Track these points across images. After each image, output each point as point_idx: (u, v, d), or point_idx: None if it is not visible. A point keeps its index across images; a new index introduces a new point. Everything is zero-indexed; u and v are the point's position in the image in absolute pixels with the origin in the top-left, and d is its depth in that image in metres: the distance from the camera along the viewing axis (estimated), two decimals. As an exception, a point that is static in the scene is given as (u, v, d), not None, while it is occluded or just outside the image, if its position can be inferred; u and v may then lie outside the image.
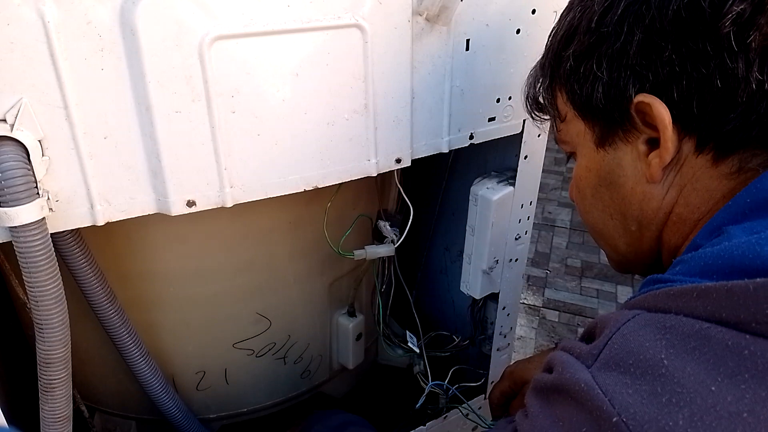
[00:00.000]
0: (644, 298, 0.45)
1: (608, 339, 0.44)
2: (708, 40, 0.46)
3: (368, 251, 0.95)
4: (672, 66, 0.48)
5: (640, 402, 0.39)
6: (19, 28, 0.55)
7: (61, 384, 0.70)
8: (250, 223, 0.89)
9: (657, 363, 0.40)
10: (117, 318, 0.84)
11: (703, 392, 0.38)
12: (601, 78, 0.53)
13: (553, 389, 0.46)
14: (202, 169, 0.67)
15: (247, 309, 0.97)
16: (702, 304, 0.40)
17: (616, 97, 0.52)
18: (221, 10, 0.61)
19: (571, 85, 0.57)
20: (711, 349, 0.39)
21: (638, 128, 0.53)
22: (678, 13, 0.47)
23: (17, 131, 0.57)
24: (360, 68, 0.71)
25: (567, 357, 0.47)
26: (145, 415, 1.04)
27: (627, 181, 0.56)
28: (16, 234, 0.60)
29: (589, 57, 0.54)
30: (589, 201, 0.62)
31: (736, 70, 0.46)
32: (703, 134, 0.50)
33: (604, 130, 0.56)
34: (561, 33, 0.58)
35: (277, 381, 1.07)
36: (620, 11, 0.50)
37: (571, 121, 0.60)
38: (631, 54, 0.50)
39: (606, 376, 0.42)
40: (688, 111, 0.49)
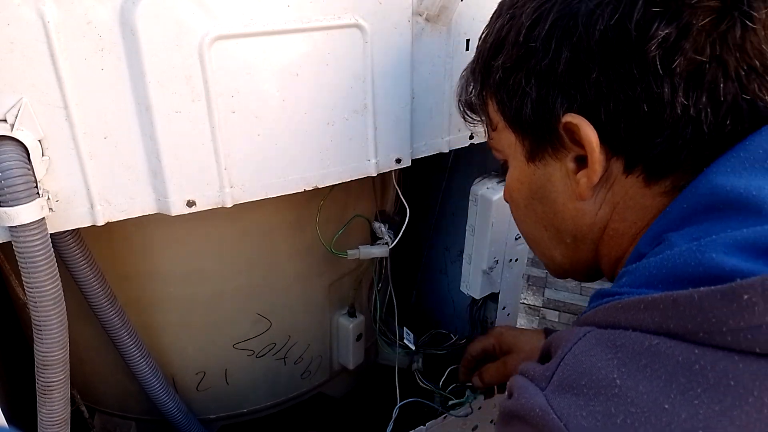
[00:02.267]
0: (594, 314, 0.45)
1: (560, 360, 0.44)
2: (634, 63, 0.45)
3: (362, 251, 0.95)
4: (599, 87, 0.47)
5: (595, 425, 0.39)
6: (19, 28, 0.55)
7: (59, 386, 0.70)
8: (250, 223, 0.89)
9: (610, 383, 0.40)
10: (117, 318, 0.84)
11: (657, 411, 0.37)
12: (529, 94, 0.51)
13: (512, 415, 0.46)
14: (202, 169, 0.67)
15: (247, 309, 0.97)
16: (650, 316, 0.40)
17: (545, 114, 0.51)
18: (221, 10, 0.61)
19: (501, 96, 0.55)
20: (662, 365, 0.38)
21: (567, 146, 0.51)
22: (605, 34, 0.46)
23: (17, 131, 0.57)
24: (360, 68, 0.71)
25: (523, 381, 0.46)
26: (145, 416, 1.04)
27: (558, 197, 0.55)
28: (16, 234, 0.59)
29: (518, 71, 0.52)
30: (522, 211, 0.61)
31: (661, 94, 0.45)
32: (631, 157, 0.49)
33: (533, 145, 0.55)
34: (490, 41, 0.56)
35: (277, 381, 1.07)
36: (548, 26, 0.49)
37: (502, 131, 0.58)
38: (559, 72, 0.49)
39: (560, 400, 0.42)
40: (615, 133, 0.48)
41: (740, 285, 0.36)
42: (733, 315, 0.36)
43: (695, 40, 0.44)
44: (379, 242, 0.99)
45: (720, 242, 0.40)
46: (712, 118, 0.45)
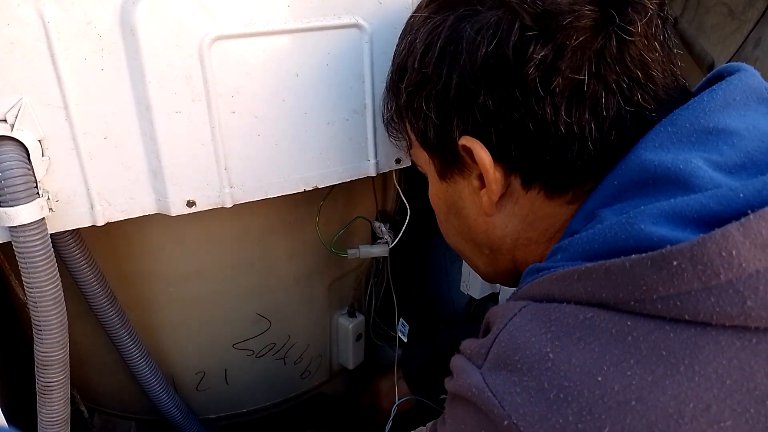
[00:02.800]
0: (530, 288, 0.45)
1: (496, 336, 0.44)
2: (516, 86, 0.46)
3: (362, 251, 0.96)
4: (487, 110, 0.48)
5: (529, 401, 0.39)
6: (19, 28, 0.55)
7: (59, 386, 0.70)
8: (250, 223, 0.89)
9: (543, 357, 0.40)
10: (117, 318, 0.84)
11: (590, 384, 0.38)
12: (430, 117, 0.53)
13: (453, 395, 0.47)
14: (202, 169, 0.67)
15: (247, 309, 0.97)
16: (583, 286, 0.40)
17: (444, 137, 0.53)
18: (221, 10, 0.61)
19: (410, 118, 0.57)
20: (596, 338, 0.39)
21: (468, 166, 0.53)
22: (486, 60, 0.47)
23: (17, 131, 0.57)
24: (360, 68, 0.71)
25: (461, 360, 0.47)
26: (145, 416, 1.03)
27: (470, 213, 0.57)
28: (16, 234, 0.59)
29: (418, 95, 0.54)
30: (444, 224, 0.64)
31: (544, 114, 0.46)
32: (526, 174, 0.50)
33: (442, 164, 0.56)
34: (396, 63, 0.58)
35: (277, 381, 1.07)
36: (437, 53, 0.50)
37: (417, 149, 0.60)
38: (452, 97, 0.50)
39: (495, 377, 0.42)
40: (506, 153, 0.49)
41: (669, 251, 0.37)
42: (663, 282, 0.37)
43: (571, 60, 0.45)
44: (379, 242, 0.99)
45: (648, 213, 0.40)
46: (596, 133, 0.46)
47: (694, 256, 0.36)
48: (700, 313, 0.36)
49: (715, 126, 0.45)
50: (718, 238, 0.36)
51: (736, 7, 1.01)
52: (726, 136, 0.44)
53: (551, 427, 0.38)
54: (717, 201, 0.39)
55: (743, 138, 0.44)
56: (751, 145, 0.44)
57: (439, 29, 0.50)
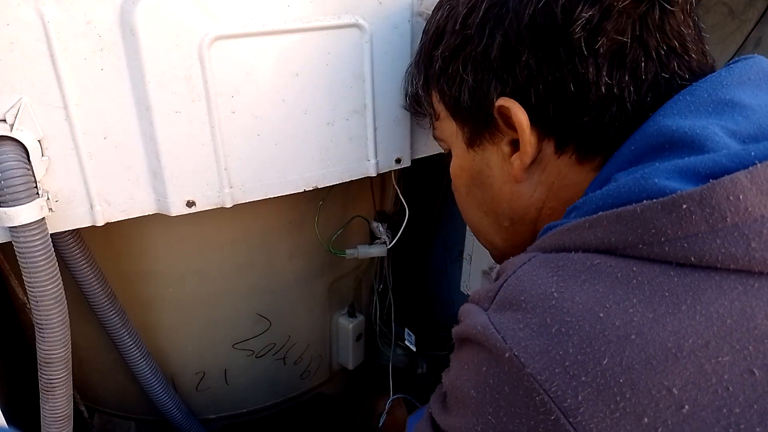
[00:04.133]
0: (541, 241, 0.47)
1: (504, 282, 0.45)
2: (561, 45, 0.47)
3: (360, 251, 0.96)
4: (529, 70, 0.49)
5: (530, 335, 0.40)
6: (18, 28, 0.55)
7: (61, 383, 0.70)
8: (250, 224, 0.89)
9: (548, 297, 0.41)
10: (117, 318, 0.84)
11: (591, 319, 0.39)
12: (466, 80, 0.53)
13: (458, 338, 0.49)
14: (202, 170, 0.67)
15: (247, 309, 0.97)
16: (593, 233, 0.42)
17: (480, 100, 0.53)
18: (221, 10, 0.61)
19: (442, 86, 0.57)
20: (601, 280, 0.40)
21: (502, 130, 0.53)
22: (533, 18, 0.48)
23: (17, 131, 0.57)
24: (360, 68, 0.71)
25: (469, 306, 0.49)
26: (145, 416, 1.03)
27: (495, 182, 0.57)
28: (16, 234, 0.59)
29: (456, 58, 0.54)
30: (464, 199, 0.63)
31: (587, 74, 0.47)
32: (561, 137, 0.51)
33: (472, 131, 0.57)
34: (431, 32, 0.58)
35: (277, 381, 1.07)
36: (482, 13, 0.51)
37: (444, 120, 0.61)
38: (493, 57, 0.51)
39: (500, 316, 0.43)
40: (545, 114, 0.50)
41: (680, 195, 0.38)
42: (672, 224, 0.38)
43: (616, 22, 0.46)
44: (377, 242, 0.99)
45: (663, 169, 0.42)
46: (634, 96, 0.48)
47: (703, 200, 0.37)
48: (705, 254, 0.38)
49: (731, 99, 0.46)
50: (727, 183, 0.37)
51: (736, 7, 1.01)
52: (741, 108, 0.46)
53: (551, 359, 0.39)
54: (729, 158, 0.40)
55: (756, 112, 0.46)
56: (763, 119, 0.45)
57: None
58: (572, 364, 0.38)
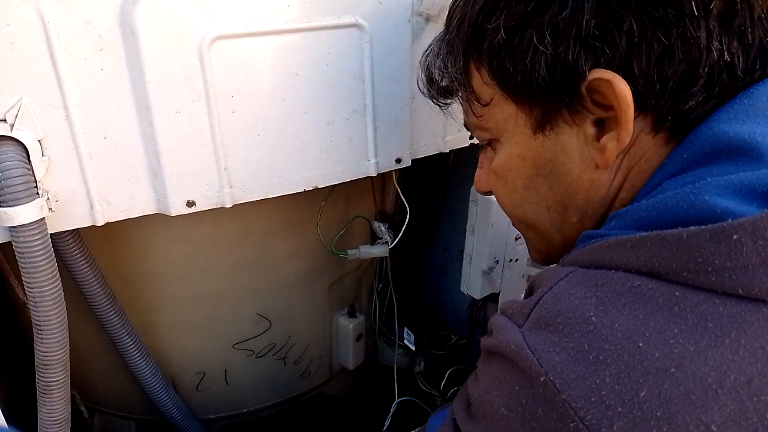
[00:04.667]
0: (579, 254, 0.44)
1: (540, 298, 0.43)
2: (670, 6, 0.42)
3: (362, 251, 0.96)
4: (631, 37, 0.43)
5: (567, 360, 0.39)
6: (19, 28, 0.55)
7: (59, 386, 0.70)
8: (250, 223, 0.89)
9: (585, 320, 0.39)
10: (117, 318, 0.84)
11: (630, 348, 0.37)
12: (544, 52, 0.46)
13: (491, 351, 0.46)
14: (202, 170, 0.67)
15: (247, 309, 0.97)
16: (635, 254, 0.40)
17: (564, 73, 0.46)
18: (221, 9, 0.61)
19: (501, 62, 0.49)
20: (641, 305, 0.38)
21: (588, 108, 0.47)
22: None
23: (17, 131, 0.57)
24: (360, 68, 0.71)
25: (502, 319, 0.46)
26: (145, 416, 1.03)
27: (573, 169, 0.50)
28: (16, 234, 0.59)
29: (526, 28, 0.47)
30: (520, 193, 0.56)
31: (698, 39, 0.43)
32: (662, 111, 0.46)
33: (545, 111, 0.49)
34: (479, 2, 0.50)
35: (277, 381, 1.07)
36: None
37: (496, 105, 0.53)
38: (584, 24, 0.44)
39: (535, 336, 0.42)
40: (648, 87, 0.44)
41: (731, 225, 0.36)
42: (720, 254, 0.36)
43: None
44: (378, 242, 0.99)
45: (715, 184, 0.39)
46: (743, 62, 0.44)
47: (756, 231, 0.35)
48: (755, 288, 0.36)
49: None
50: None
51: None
52: None
53: (588, 386, 0.38)
54: None
55: None
56: None
57: None
58: (609, 393, 0.37)
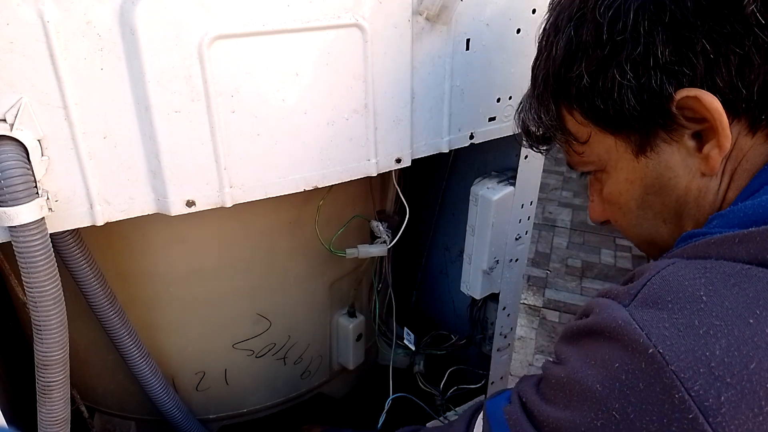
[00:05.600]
0: (683, 251, 0.46)
1: (647, 281, 0.45)
2: (736, 21, 0.46)
3: (360, 250, 0.95)
4: (706, 55, 0.47)
5: (677, 334, 0.40)
6: (18, 28, 0.55)
7: (59, 386, 0.70)
8: (250, 223, 0.89)
9: (696, 299, 0.41)
10: (117, 318, 0.84)
11: (740, 324, 0.39)
12: (629, 86, 0.51)
13: (586, 332, 0.48)
14: (202, 169, 0.67)
15: (247, 309, 0.97)
16: (744, 248, 0.41)
17: (652, 100, 0.51)
18: (221, 9, 0.61)
19: (591, 102, 0.55)
20: (751, 285, 0.40)
21: (682, 124, 0.51)
22: (698, 4, 0.47)
23: (17, 131, 0.57)
24: (360, 68, 0.70)
25: (605, 300, 0.48)
26: (145, 416, 1.03)
27: (680, 181, 0.54)
28: (15, 234, 0.59)
29: (607, 68, 0.52)
30: (635, 213, 0.60)
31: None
32: (754, 113, 0.49)
33: (642, 136, 0.54)
34: (557, 56, 0.57)
35: (277, 381, 1.07)
36: (632, 16, 0.50)
37: (595, 140, 0.58)
38: (659, 54, 0.49)
39: (643, 313, 0.43)
40: (735, 94, 0.48)
41: None
42: None
43: None
44: (377, 241, 0.99)
45: None
46: None
47: None
48: None
49: None
50: None
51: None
52: None
53: (697, 359, 0.39)
54: None
55: None
56: None
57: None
58: (718, 365, 0.38)
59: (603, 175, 0.61)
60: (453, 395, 1.15)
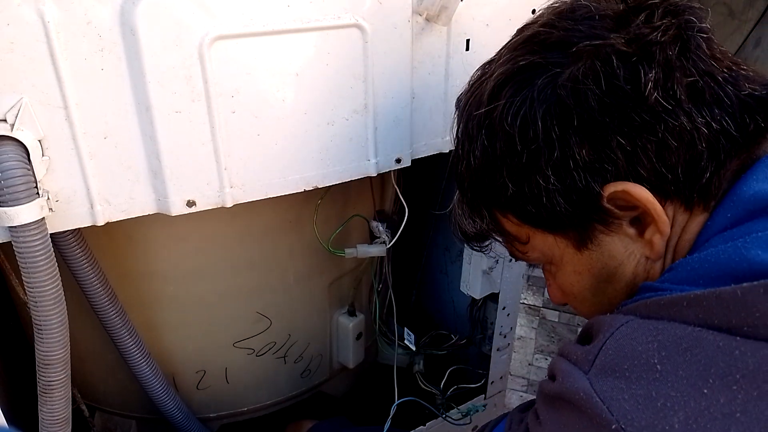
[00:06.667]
0: (636, 306, 0.46)
1: (602, 344, 0.45)
2: (643, 112, 0.46)
3: (359, 250, 0.96)
4: (623, 149, 0.47)
5: (636, 408, 0.41)
6: (19, 28, 0.55)
7: (60, 385, 0.70)
8: (251, 223, 0.89)
9: (651, 367, 0.41)
10: (117, 317, 0.84)
11: (695, 395, 0.39)
12: (555, 189, 0.51)
13: (556, 397, 0.48)
14: (202, 169, 0.67)
15: (248, 308, 0.97)
16: (693, 312, 0.41)
17: (581, 199, 0.50)
18: (221, 10, 0.61)
19: (522, 208, 0.54)
20: (702, 350, 0.40)
21: (617, 216, 0.51)
22: (602, 102, 0.47)
23: (17, 131, 0.57)
24: (360, 68, 0.71)
25: (566, 365, 0.48)
26: (146, 415, 1.04)
27: (626, 269, 0.54)
28: (16, 234, 0.60)
29: (530, 176, 0.52)
30: (590, 301, 0.60)
31: (683, 124, 0.46)
32: (685, 193, 0.49)
33: (581, 232, 0.53)
34: (477, 166, 0.55)
35: (278, 380, 1.08)
36: (540, 125, 0.49)
37: (534, 238, 0.57)
38: (576, 156, 0.49)
39: (603, 383, 0.44)
40: (661, 179, 0.48)
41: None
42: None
43: (679, 68, 0.46)
44: (376, 241, 0.99)
45: (763, 239, 0.42)
46: (732, 123, 0.47)
47: None
48: None
49: None
50: None
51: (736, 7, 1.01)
52: None
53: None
54: None
55: None
56: None
57: (525, 106, 0.50)
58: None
59: (552, 267, 0.60)
60: (453, 394, 1.16)
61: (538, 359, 2.65)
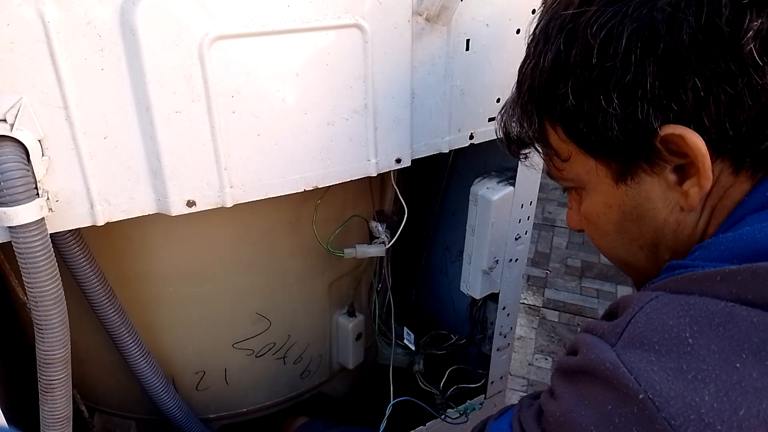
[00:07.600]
0: (665, 283, 0.46)
1: (631, 317, 0.44)
2: (731, 60, 0.44)
3: (358, 250, 0.96)
4: (697, 92, 0.46)
5: (666, 379, 0.40)
6: (19, 28, 0.55)
7: (60, 384, 0.70)
8: (250, 223, 0.89)
9: (682, 341, 0.41)
10: (117, 318, 0.84)
11: (728, 369, 0.39)
12: (614, 114, 0.49)
13: (578, 371, 0.47)
14: (202, 170, 0.67)
15: (247, 309, 0.97)
16: (726, 286, 0.41)
17: (636, 131, 0.49)
18: (221, 10, 0.61)
19: (574, 124, 0.53)
20: (736, 325, 0.39)
21: (665, 158, 0.50)
22: (694, 38, 0.45)
23: (17, 131, 0.57)
24: (360, 68, 0.71)
25: (591, 338, 0.47)
26: (145, 415, 1.04)
27: (659, 213, 0.53)
28: (15, 234, 0.59)
29: (593, 93, 0.50)
30: (612, 236, 0.59)
31: (765, 85, 0.44)
32: (739, 154, 0.48)
33: (623, 165, 0.52)
34: (544, 69, 0.54)
35: (277, 381, 1.07)
36: (624, 43, 0.47)
37: (576, 159, 0.56)
38: (648, 86, 0.47)
39: (631, 354, 0.43)
40: (721, 134, 0.47)
41: None
42: None
43: None
44: (376, 241, 0.99)
45: None
46: None
47: None
48: None
49: None
50: None
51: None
52: None
53: (686, 404, 0.39)
54: None
55: None
56: None
57: (616, 18, 0.47)
58: (708, 411, 0.38)
59: (582, 192, 0.59)
60: (453, 394, 1.15)
61: (538, 359, 2.65)
